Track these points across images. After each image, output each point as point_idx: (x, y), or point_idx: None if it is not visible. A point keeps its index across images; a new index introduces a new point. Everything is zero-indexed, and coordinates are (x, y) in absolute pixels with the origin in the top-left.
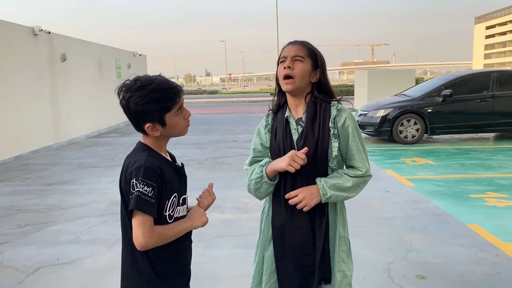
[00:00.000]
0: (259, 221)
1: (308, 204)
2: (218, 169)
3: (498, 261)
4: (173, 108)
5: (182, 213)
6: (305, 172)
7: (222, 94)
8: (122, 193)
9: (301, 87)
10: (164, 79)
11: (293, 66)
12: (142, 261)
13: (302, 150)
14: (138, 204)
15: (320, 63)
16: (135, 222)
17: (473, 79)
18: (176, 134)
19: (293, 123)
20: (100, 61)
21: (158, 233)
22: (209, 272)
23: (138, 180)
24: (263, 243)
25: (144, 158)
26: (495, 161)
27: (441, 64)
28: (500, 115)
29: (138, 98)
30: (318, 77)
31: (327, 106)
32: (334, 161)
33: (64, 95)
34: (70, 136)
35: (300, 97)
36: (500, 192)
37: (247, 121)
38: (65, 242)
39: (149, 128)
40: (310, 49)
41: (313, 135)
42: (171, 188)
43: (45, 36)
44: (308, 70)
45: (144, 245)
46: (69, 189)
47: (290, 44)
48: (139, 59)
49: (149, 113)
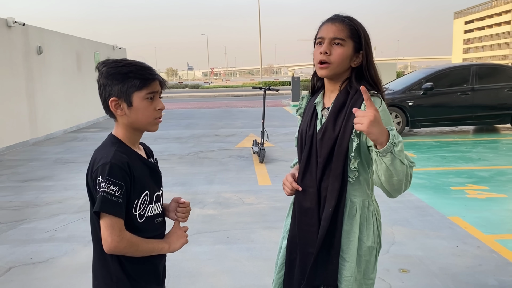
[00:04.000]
0: (246, 216)
1: (364, 127)
2: (200, 163)
3: (479, 253)
4: (144, 88)
5: (156, 211)
6: (320, 172)
7: (204, 88)
8: (89, 189)
9: (338, 73)
10: (144, 63)
11: (330, 51)
12: (112, 262)
13: (290, 179)
14: (103, 205)
15: (364, 45)
16: (103, 225)
17: (453, 73)
18: (142, 122)
19: (319, 112)
20: (78, 54)
21: (128, 240)
22: (189, 270)
23: (103, 179)
24: (284, 231)
25: (112, 154)
26: (475, 153)
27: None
28: (480, 108)
29: (110, 68)
30: (360, 61)
31: (360, 98)
32: (355, 162)
33: (41, 89)
34: (48, 131)
35: (337, 82)
36: (480, 184)
37: (230, 115)
38: (40, 241)
39: (113, 103)
40: (353, 29)
41: (333, 130)
42: (141, 185)
43: (20, 28)
44: (349, 54)
45: (112, 249)
46: (45, 185)
47: (329, 21)
48: (118, 52)
49: (117, 85)
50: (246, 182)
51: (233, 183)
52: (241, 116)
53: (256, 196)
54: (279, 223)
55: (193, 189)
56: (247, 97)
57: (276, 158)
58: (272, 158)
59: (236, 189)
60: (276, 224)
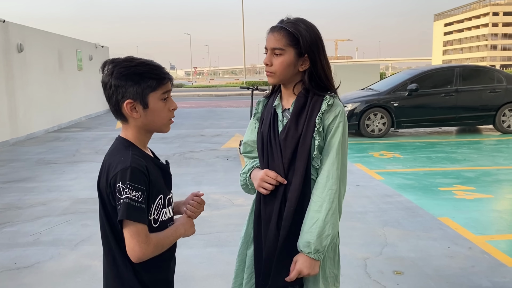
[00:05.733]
0: (236, 218)
1: (312, 272)
2: (186, 164)
3: (471, 254)
4: (158, 88)
5: (168, 215)
6: (282, 171)
7: (187, 87)
8: (102, 196)
9: (285, 79)
10: (155, 62)
11: (271, 62)
12: (126, 272)
13: (273, 174)
14: (129, 212)
15: (306, 49)
16: (128, 233)
17: (437, 74)
18: (157, 124)
19: (279, 114)
20: (60, 52)
21: (154, 243)
22: (181, 273)
23: (125, 185)
24: (247, 240)
25: (130, 158)
26: (460, 154)
27: (402, 59)
28: (463, 109)
29: (122, 69)
30: (308, 65)
31: (319, 99)
32: (317, 160)
33: (22, 87)
34: (29, 130)
35: (290, 86)
36: (467, 185)
37: (215, 115)
38: (24, 244)
39: (128, 105)
40: (291, 35)
41: (296, 130)
42: (157, 189)
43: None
44: (290, 61)
45: (141, 257)
46: (27, 187)
47: (270, 31)
48: (101, 51)
49: (131, 86)
50: (235, 183)
51: (221, 184)
52: (226, 116)
53: (245, 197)
54: None
55: (181, 191)
56: (231, 97)
57: None
58: None
59: (225, 190)
60: None
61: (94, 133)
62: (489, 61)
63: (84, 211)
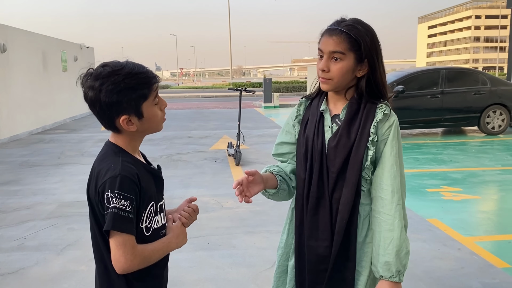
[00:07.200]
0: (226, 221)
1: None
2: (174, 166)
3: (461, 256)
4: (150, 95)
5: (160, 223)
6: (332, 182)
7: (174, 89)
8: (91, 204)
9: (341, 86)
10: (136, 64)
11: (329, 68)
12: (117, 280)
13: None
14: (115, 223)
15: (366, 53)
16: (114, 244)
17: (423, 76)
18: (153, 128)
19: (328, 119)
20: (44, 53)
21: (141, 256)
22: (171, 278)
23: (113, 193)
24: (287, 251)
25: (119, 166)
26: (446, 155)
27: (387, 61)
28: (448, 111)
29: (111, 85)
30: (366, 70)
31: (372, 107)
32: (368, 171)
33: (5, 88)
34: (12, 132)
35: (342, 91)
36: (454, 186)
37: (202, 116)
38: (8, 250)
39: (124, 121)
40: (352, 39)
41: (349, 138)
42: (148, 196)
43: None
44: (350, 67)
45: (126, 268)
46: (11, 190)
47: (328, 33)
48: (86, 51)
49: (125, 102)
50: (223, 185)
51: (210, 187)
52: (213, 118)
53: (234, 200)
54: (260, 227)
55: (168, 193)
56: (218, 99)
57: (252, 161)
58: (248, 160)
59: (214, 192)
60: (257, 229)
61: (80, 135)
62: (472, 63)
63: (70, 215)
